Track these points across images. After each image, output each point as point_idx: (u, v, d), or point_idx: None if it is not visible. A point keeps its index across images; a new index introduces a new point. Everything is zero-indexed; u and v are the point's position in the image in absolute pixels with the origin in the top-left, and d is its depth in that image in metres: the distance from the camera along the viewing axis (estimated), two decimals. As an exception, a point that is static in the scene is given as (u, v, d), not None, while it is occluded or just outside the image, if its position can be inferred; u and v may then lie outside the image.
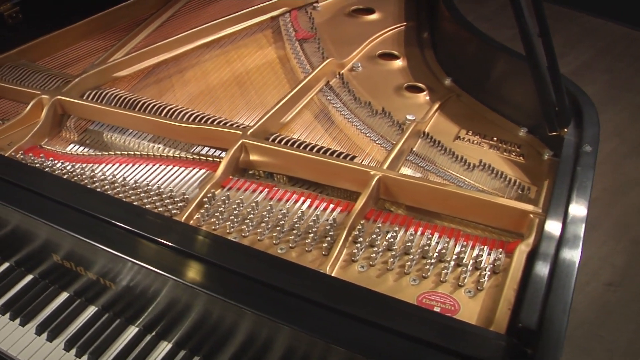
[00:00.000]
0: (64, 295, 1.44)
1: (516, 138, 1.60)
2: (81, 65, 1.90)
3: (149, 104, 1.64)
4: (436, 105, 1.66)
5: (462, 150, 1.53)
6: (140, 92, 1.77)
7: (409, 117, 1.61)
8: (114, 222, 1.26)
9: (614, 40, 3.48)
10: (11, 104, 1.78)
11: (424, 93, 1.72)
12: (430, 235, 1.30)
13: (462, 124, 1.63)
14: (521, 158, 1.54)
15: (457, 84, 1.76)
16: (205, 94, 1.75)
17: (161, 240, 1.22)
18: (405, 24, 2.01)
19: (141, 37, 1.94)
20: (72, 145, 1.64)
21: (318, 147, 1.48)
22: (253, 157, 1.46)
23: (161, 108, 1.62)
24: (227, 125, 1.55)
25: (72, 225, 1.28)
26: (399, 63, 1.84)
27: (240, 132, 1.47)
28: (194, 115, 1.59)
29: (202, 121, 1.57)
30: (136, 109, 1.64)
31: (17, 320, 1.40)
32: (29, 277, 1.49)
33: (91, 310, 1.41)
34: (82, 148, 1.63)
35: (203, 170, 1.48)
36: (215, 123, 1.55)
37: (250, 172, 1.51)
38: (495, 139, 1.58)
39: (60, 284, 1.45)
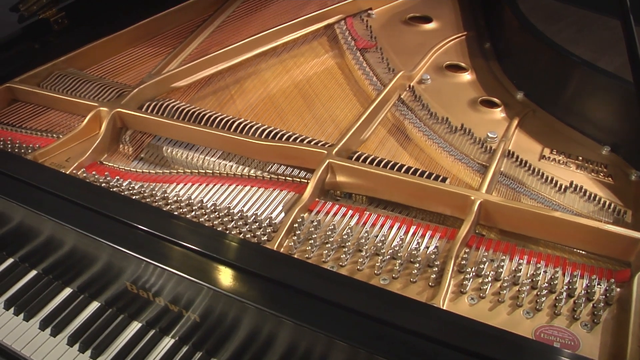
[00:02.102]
0: (136, 325, 1.35)
1: (600, 157, 1.54)
2: (131, 73, 1.80)
3: (215, 117, 1.55)
4: (515, 122, 1.59)
5: (550, 170, 1.47)
6: (198, 104, 1.68)
7: (491, 134, 1.54)
8: (204, 252, 1.17)
9: (644, 46, 3.44)
10: (62, 115, 1.67)
11: (500, 108, 1.65)
12: (537, 264, 1.24)
13: (543, 142, 1.57)
14: (609, 179, 1.48)
15: (530, 98, 1.70)
16: (268, 106, 1.66)
17: (260, 273, 1.13)
18: (465, 33, 1.94)
19: (194, 45, 1.84)
20: (134, 161, 1.54)
21: (406, 167, 1.40)
22: (340, 178, 1.38)
23: (229, 122, 1.53)
24: (304, 142, 1.46)
25: (155, 255, 1.19)
26: (467, 75, 1.77)
27: (325, 151, 1.39)
28: (267, 131, 1.50)
29: (277, 137, 1.48)
30: (202, 123, 1.54)
31: (88, 353, 1.31)
32: (95, 304, 1.40)
33: (167, 342, 1.32)
34: (145, 165, 1.54)
35: (285, 192, 1.39)
36: (291, 140, 1.47)
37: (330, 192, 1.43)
38: (580, 158, 1.52)
39: (130, 312, 1.36)
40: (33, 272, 1.48)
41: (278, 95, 1.70)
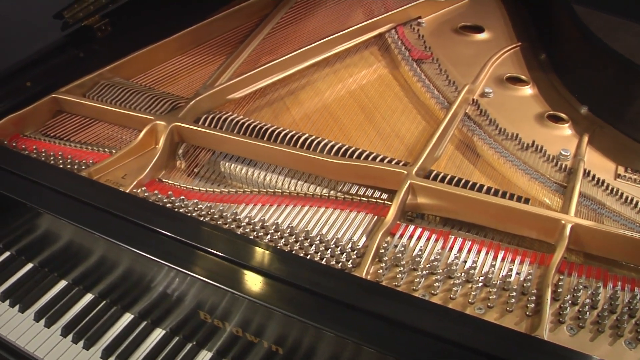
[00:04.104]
0: (206, 354, 1.28)
1: (674, 175, 1.50)
2: (180, 83, 1.72)
3: (279, 132, 1.48)
4: (586, 138, 1.54)
5: (627, 190, 1.42)
6: (254, 116, 1.61)
7: (564, 152, 1.49)
8: (294, 282, 1.10)
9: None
10: (111, 128, 1.59)
11: (568, 124, 1.60)
12: (632, 291, 1.20)
13: (616, 160, 1.52)
14: (687, 198, 1.44)
15: (595, 113, 1.65)
16: (328, 120, 1.60)
17: (355, 305, 1.07)
18: (519, 44, 1.89)
19: (245, 55, 1.76)
20: (196, 179, 1.47)
21: (486, 187, 1.35)
22: (421, 200, 1.32)
23: (294, 137, 1.46)
24: (376, 159, 1.40)
25: (239, 285, 1.12)
26: (528, 88, 1.72)
27: (405, 171, 1.33)
28: (335, 148, 1.43)
29: (347, 155, 1.42)
30: (265, 138, 1.47)
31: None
32: (160, 332, 1.32)
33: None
34: (208, 183, 1.46)
35: (362, 213, 1.33)
36: (362, 157, 1.41)
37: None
38: (656, 176, 1.48)
39: (199, 340, 1.29)
40: (89, 296, 1.41)
41: (336, 107, 1.64)
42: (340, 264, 1.21)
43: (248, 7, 1.92)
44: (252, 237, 1.26)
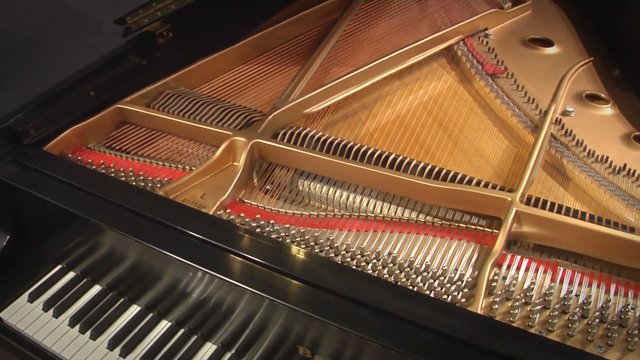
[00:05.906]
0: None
1: None
2: (247, 94, 1.64)
3: (365, 151, 1.41)
4: (676, 162, 1.49)
5: None
6: (329, 131, 1.53)
7: (656, 176, 1.44)
8: (418, 322, 1.03)
9: None
10: (180, 142, 1.51)
11: (655, 146, 1.55)
12: None
13: None
14: None
15: (677, 134, 1.60)
16: (407, 137, 1.52)
17: (488, 347, 1.00)
18: (591, 59, 1.83)
19: (315, 67, 1.67)
20: (280, 200, 1.39)
21: (588, 214, 1.29)
22: (526, 229, 1.26)
23: (382, 157, 1.39)
24: (472, 183, 1.34)
25: (356, 325, 1.04)
26: (609, 107, 1.66)
27: (509, 198, 1.26)
28: (428, 169, 1.37)
29: (441, 177, 1.35)
30: (350, 157, 1.40)
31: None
32: (247, 364, 1.25)
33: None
34: (294, 205, 1.38)
35: (463, 242, 1.26)
36: (456, 181, 1.34)
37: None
38: None
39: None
40: (165, 323, 1.33)
41: (414, 123, 1.57)
42: (451, 297, 1.14)
43: (310, 14, 1.84)
44: (353, 266, 1.19)
